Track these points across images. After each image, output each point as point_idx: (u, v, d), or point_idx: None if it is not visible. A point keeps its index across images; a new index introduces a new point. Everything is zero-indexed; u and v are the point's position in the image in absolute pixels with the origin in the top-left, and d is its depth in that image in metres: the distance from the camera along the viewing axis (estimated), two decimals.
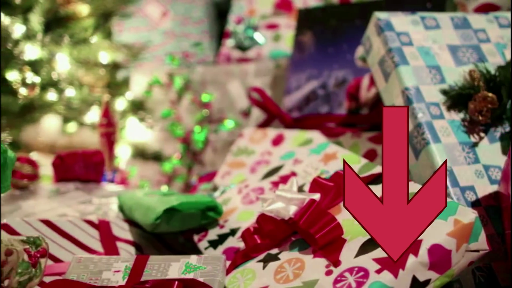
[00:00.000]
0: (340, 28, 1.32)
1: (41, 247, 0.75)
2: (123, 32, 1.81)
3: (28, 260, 0.73)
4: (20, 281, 0.73)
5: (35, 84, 1.39)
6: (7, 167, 0.87)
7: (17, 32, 1.41)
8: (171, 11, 1.83)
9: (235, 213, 1.03)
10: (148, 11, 1.82)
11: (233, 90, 1.55)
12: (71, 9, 1.49)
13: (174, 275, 0.84)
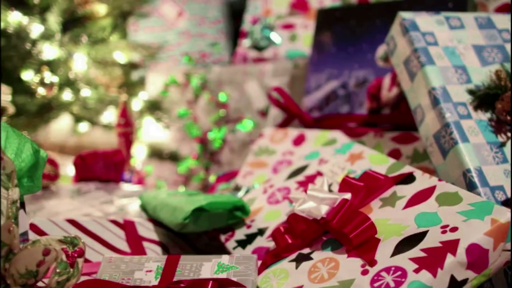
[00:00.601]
0: (360, 28, 1.32)
1: (78, 247, 0.75)
2: (139, 32, 1.81)
3: (66, 260, 0.73)
4: (58, 281, 0.72)
5: (53, 84, 1.39)
6: (40, 167, 0.87)
7: (35, 31, 1.41)
8: (187, 11, 1.82)
9: (262, 213, 1.03)
10: (164, 11, 1.82)
11: (250, 90, 1.55)
12: (88, 9, 1.49)
13: (207, 275, 0.84)
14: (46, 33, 1.42)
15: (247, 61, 1.63)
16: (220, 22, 1.79)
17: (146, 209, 1.16)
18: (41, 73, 1.40)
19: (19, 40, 1.40)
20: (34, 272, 0.74)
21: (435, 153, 0.99)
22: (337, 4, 1.56)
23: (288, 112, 1.33)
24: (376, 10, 1.31)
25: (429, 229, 0.79)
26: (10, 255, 0.75)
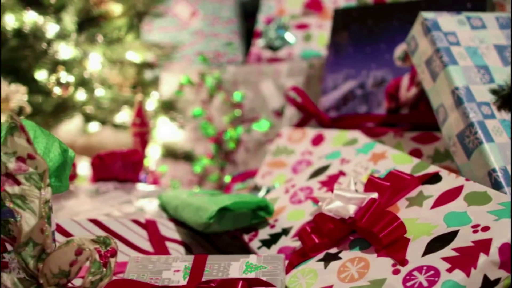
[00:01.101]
0: (377, 28, 1.32)
1: (111, 247, 0.75)
2: (152, 31, 1.81)
3: (99, 260, 0.73)
4: (92, 281, 0.72)
5: (69, 83, 1.39)
6: (67, 166, 0.86)
7: (50, 31, 1.41)
8: (200, 11, 1.82)
9: (285, 212, 1.03)
10: (177, 11, 1.82)
11: (265, 90, 1.55)
12: (103, 8, 1.49)
13: (235, 275, 0.84)
14: (62, 32, 1.42)
15: (261, 61, 1.63)
16: (233, 22, 1.79)
17: (166, 209, 1.16)
18: (57, 72, 1.40)
19: (34, 39, 1.40)
20: (67, 272, 0.74)
21: (459, 153, 0.99)
22: (352, 4, 1.56)
23: (306, 112, 1.33)
24: (394, 10, 1.31)
25: (460, 229, 0.79)
26: (43, 254, 0.74)
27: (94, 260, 0.73)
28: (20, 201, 0.74)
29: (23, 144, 0.74)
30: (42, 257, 0.74)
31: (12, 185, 0.74)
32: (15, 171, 0.74)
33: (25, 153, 0.75)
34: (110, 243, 0.74)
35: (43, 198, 0.74)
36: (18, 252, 0.75)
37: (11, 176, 0.74)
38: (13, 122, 0.74)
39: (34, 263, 0.75)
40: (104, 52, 1.49)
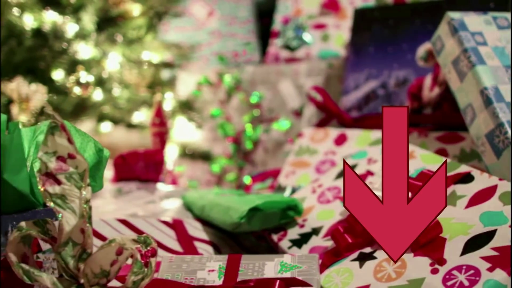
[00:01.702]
0: (398, 28, 1.33)
1: (151, 247, 0.74)
2: (169, 31, 1.80)
3: (141, 260, 0.73)
4: (134, 281, 0.72)
5: (89, 83, 1.38)
6: (102, 166, 0.86)
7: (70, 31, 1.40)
8: (217, 10, 1.82)
9: (313, 212, 1.03)
10: (194, 11, 1.82)
11: (284, 90, 1.55)
12: (122, 8, 1.48)
13: (271, 274, 0.84)
14: (81, 32, 1.42)
15: (279, 61, 1.63)
16: (250, 22, 1.79)
17: (191, 209, 1.16)
18: (77, 72, 1.40)
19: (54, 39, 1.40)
20: (107, 272, 0.74)
21: (488, 153, 0.99)
22: (370, 4, 1.56)
23: (327, 111, 1.33)
24: (415, 10, 1.32)
25: (497, 228, 0.79)
26: (84, 254, 0.74)
27: (136, 260, 0.72)
28: (60, 200, 0.74)
29: (64, 144, 0.74)
30: (83, 257, 0.74)
31: (53, 185, 0.74)
32: (55, 171, 0.74)
33: (65, 152, 0.74)
34: (150, 242, 0.74)
35: (83, 198, 0.74)
36: (58, 252, 0.74)
37: (52, 175, 0.74)
38: (54, 121, 0.73)
39: (74, 263, 0.74)
40: (124, 52, 1.49)
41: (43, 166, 0.74)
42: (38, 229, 0.77)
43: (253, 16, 1.83)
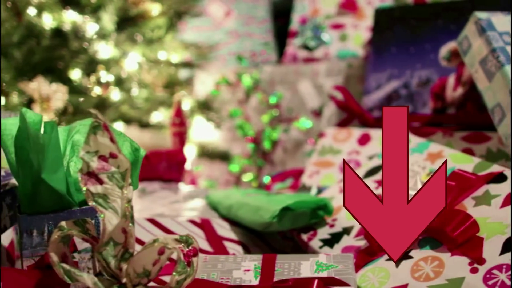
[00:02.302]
0: (420, 28, 1.33)
1: (193, 246, 0.74)
2: (186, 31, 1.79)
3: (184, 259, 0.73)
4: (178, 280, 0.72)
5: (109, 83, 1.38)
6: (138, 166, 0.86)
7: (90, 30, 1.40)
8: (235, 10, 1.82)
9: (342, 212, 1.03)
10: (211, 11, 1.81)
11: (303, 90, 1.55)
12: (141, 8, 1.48)
13: (307, 274, 0.84)
14: (101, 32, 1.41)
15: (296, 61, 1.63)
16: (267, 21, 1.78)
17: (217, 209, 1.15)
18: (97, 72, 1.40)
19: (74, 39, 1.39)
20: (149, 272, 0.74)
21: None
22: (387, 4, 1.56)
23: (350, 111, 1.33)
24: (437, 10, 1.32)
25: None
26: (126, 254, 0.74)
27: (179, 260, 0.72)
28: (102, 200, 0.74)
29: (106, 143, 0.74)
30: (125, 256, 0.74)
31: (95, 184, 0.74)
32: (98, 170, 0.73)
33: (107, 152, 0.74)
34: (192, 242, 0.74)
35: (125, 197, 0.74)
36: (99, 252, 0.74)
37: (94, 175, 0.73)
38: (96, 121, 0.73)
39: (116, 262, 0.74)
40: (143, 52, 1.49)
41: (85, 166, 0.73)
42: (79, 229, 0.76)
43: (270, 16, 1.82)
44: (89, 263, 0.85)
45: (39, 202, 0.82)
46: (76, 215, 0.84)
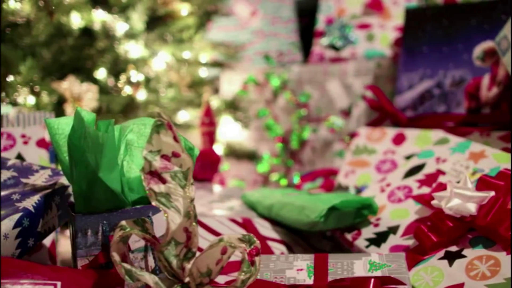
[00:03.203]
0: (453, 28, 1.33)
1: (255, 245, 0.74)
2: (212, 31, 1.79)
3: (248, 259, 0.73)
4: (243, 280, 0.72)
5: (139, 82, 1.38)
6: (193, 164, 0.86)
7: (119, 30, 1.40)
8: (260, 10, 1.81)
9: (386, 211, 1.03)
10: (237, 10, 1.81)
11: (332, 90, 1.55)
12: (170, 7, 1.48)
13: (361, 273, 0.84)
14: (130, 31, 1.41)
15: (323, 60, 1.63)
16: (293, 21, 1.78)
17: (254, 208, 1.16)
18: (127, 71, 1.39)
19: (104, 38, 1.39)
20: (211, 271, 0.74)
21: None
22: (413, 4, 1.56)
23: (382, 111, 1.33)
24: (470, 10, 1.32)
25: None
26: (189, 254, 0.74)
27: (244, 259, 0.72)
28: (165, 199, 0.73)
29: (169, 142, 0.74)
30: (188, 256, 0.74)
31: (158, 183, 0.73)
32: (160, 169, 0.73)
33: (169, 151, 0.74)
34: (254, 241, 0.74)
35: (187, 197, 0.73)
36: (161, 251, 0.74)
37: (157, 174, 0.73)
38: (159, 120, 0.73)
39: (178, 262, 0.74)
40: (173, 51, 1.48)
41: (147, 165, 0.73)
42: (139, 228, 0.76)
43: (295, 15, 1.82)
44: (142, 263, 0.85)
45: (94, 201, 0.82)
46: (130, 214, 0.84)
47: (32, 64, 1.35)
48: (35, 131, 1.14)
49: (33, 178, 0.93)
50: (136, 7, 1.40)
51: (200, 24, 1.57)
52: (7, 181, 0.92)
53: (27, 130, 1.14)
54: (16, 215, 0.84)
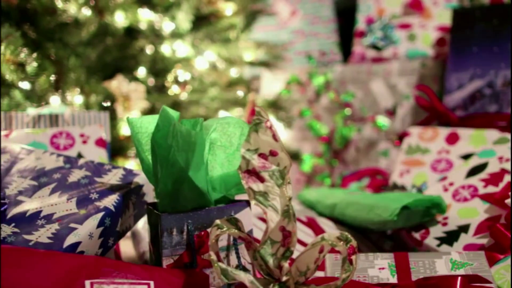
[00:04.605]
0: (503, 27, 1.33)
1: (351, 244, 0.74)
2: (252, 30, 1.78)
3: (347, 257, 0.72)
4: (344, 278, 0.72)
5: (187, 82, 1.37)
6: None
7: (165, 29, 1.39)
8: (300, 10, 1.81)
9: (452, 210, 1.03)
10: (277, 10, 1.81)
11: (376, 89, 1.55)
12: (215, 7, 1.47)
13: (444, 272, 0.84)
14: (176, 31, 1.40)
15: (364, 60, 1.63)
16: (333, 21, 1.78)
17: (314, 207, 1.16)
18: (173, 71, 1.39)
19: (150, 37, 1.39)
20: (309, 270, 0.74)
21: None
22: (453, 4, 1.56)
23: (433, 110, 1.33)
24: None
25: None
26: (287, 253, 0.74)
27: (344, 258, 0.72)
28: (263, 198, 0.73)
29: (267, 141, 0.73)
30: (286, 255, 0.74)
31: (256, 182, 0.73)
32: (259, 168, 0.73)
33: (267, 149, 0.74)
34: (350, 240, 0.74)
35: (285, 196, 0.73)
36: (257, 250, 0.74)
37: (255, 172, 0.73)
38: (258, 118, 0.73)
39: (275, 261, 0.74)
40: (219, 50, 1.48)
41: (245, 163, 0.73)
42: (234, 227, 0.76)
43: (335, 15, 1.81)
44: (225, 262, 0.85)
45: (181, 200, 0.81)
46: (213, 213, 0.84)
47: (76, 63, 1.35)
48: (93, 131, 1.14)
49: (106, 178, 0.93)
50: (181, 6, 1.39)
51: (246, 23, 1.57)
52: (81, 180, 0.92)
53: (85, 129, 1.14)
54: (98, 214, 0.84)
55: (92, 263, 0.73)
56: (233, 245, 0.85)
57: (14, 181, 0.92)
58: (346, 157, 1.60)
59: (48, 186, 0.91)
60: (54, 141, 1.11)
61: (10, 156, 0.98)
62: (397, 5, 1.64)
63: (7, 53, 1.14)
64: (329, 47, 1.78)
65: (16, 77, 1.17)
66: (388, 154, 1.55)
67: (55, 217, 0.84)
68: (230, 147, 0.85)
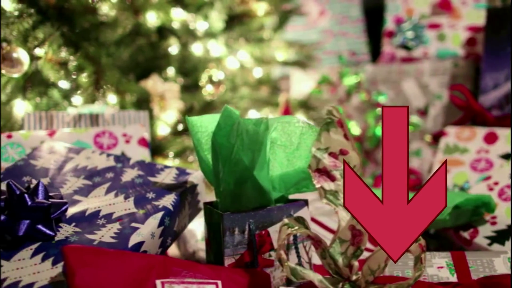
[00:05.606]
0: None
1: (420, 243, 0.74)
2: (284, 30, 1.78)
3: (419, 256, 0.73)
4: (416, 277, 0.72)
5: (221, 81, 1.37)
6: None
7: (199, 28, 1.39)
8: (329, 10, 1.81)
9: (499, 209, 1.04)
10: (306, 10, 1.81)
11: (408, 89, 1.55)
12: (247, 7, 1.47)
13: (503, 270, 0.85)
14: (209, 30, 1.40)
15: (394, 60, 1.64)
16: (362, 21, 1.78)
17: None
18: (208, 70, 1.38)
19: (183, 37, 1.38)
20: (378, 268, 0.74)
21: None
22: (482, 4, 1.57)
23: (469, 110, 1.34)
24: None
25: None
26: (358, 251, 0.74)
27: (418, 257, 0.72)
28: (333, 197, 0.73)
29: (338, 139, 0.73)
30: (357, 254, 0.74)
31: (327, 181, 0.73)
32: (330, 167, 0.73)
33: (337, 148, 0.74)
34: (420, 239, 0.74)
35: None
36: (327, 250, 0.74)
37: (326, 171, 0.73)
38: (329, 117, 0.73)
39: (345, 260, 0.74)
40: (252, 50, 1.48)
41: (315, 162, 0.73)
42: (302, 226, 0.76)
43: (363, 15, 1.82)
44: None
45: (243, 200, 0.81)
46: (274, 213, 0.84)
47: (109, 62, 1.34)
48: (135, 130, 1.14)
49: (160, 177, 0.92)
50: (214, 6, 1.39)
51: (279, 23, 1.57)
52: (135, 180, 0.92)
53: (127, 129, 1.13)
54: (158, 213, 0.84)
55: (161, 263, 0.73)
56: (293, 244, 0.85)
57: (68, 181, 0.92)
58: (378, 157, 1.60)
59: (102, 186, 0.90)
60: (98, 140, 1.10)
61: (59, 156, 0.98)
62: (426, 5, 1.64)
63: (49, 53, 1.14)
64: (358, 46, 1.78)
65: (57, 77, 1.17)
66: (421, 153, 1.55)
67: (114, 217, 0.83)
68: (290, 146, 0.85)
